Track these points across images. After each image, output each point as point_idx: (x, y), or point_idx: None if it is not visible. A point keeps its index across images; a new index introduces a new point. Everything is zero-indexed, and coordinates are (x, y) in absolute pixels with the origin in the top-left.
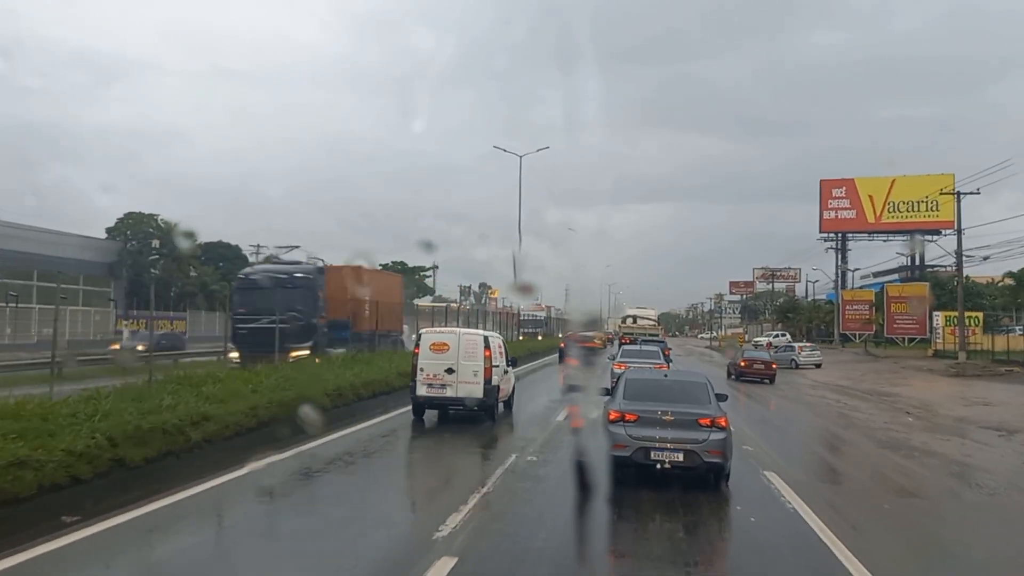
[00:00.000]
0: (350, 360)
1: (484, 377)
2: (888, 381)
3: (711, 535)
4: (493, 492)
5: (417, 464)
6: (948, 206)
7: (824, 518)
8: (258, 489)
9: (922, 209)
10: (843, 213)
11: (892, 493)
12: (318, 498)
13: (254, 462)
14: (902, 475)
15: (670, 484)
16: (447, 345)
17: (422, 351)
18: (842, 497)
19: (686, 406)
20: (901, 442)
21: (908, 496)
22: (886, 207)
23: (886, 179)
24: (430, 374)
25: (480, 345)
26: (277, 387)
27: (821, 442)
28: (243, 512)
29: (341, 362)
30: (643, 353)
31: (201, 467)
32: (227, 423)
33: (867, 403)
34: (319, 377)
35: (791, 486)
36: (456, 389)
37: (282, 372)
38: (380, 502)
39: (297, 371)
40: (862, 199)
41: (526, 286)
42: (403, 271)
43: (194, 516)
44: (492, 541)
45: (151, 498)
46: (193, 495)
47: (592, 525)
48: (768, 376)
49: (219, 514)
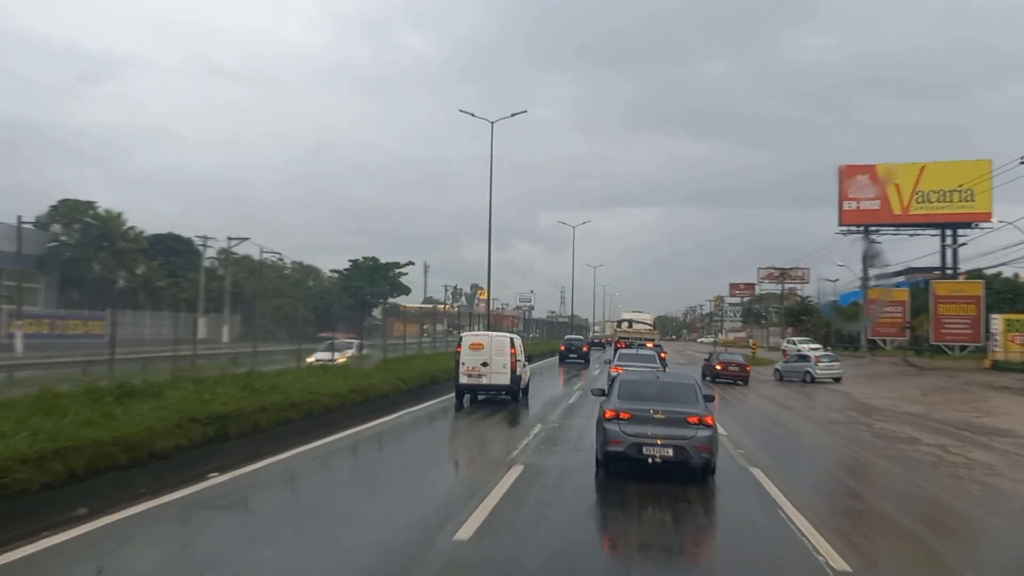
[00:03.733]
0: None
1: (511, 369)
2: (969, 406)
3: None
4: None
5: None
6: (985, 196)
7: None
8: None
9: (955, 199)
10: (866, 204)
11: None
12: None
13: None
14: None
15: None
16: (482, 345)
17: (463, 350)
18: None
19: (676, 405)
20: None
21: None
22: (914, 197)
23: (915, 165)
24: (470, 367)
25: (507, 344)
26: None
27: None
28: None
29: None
30: (639, 357)
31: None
32: None
33: (984, 451)
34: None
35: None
36: (489, 378)
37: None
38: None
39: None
40: (887, 188)
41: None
42: (374, 267)
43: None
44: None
45: None
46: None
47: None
48: (742, 378)
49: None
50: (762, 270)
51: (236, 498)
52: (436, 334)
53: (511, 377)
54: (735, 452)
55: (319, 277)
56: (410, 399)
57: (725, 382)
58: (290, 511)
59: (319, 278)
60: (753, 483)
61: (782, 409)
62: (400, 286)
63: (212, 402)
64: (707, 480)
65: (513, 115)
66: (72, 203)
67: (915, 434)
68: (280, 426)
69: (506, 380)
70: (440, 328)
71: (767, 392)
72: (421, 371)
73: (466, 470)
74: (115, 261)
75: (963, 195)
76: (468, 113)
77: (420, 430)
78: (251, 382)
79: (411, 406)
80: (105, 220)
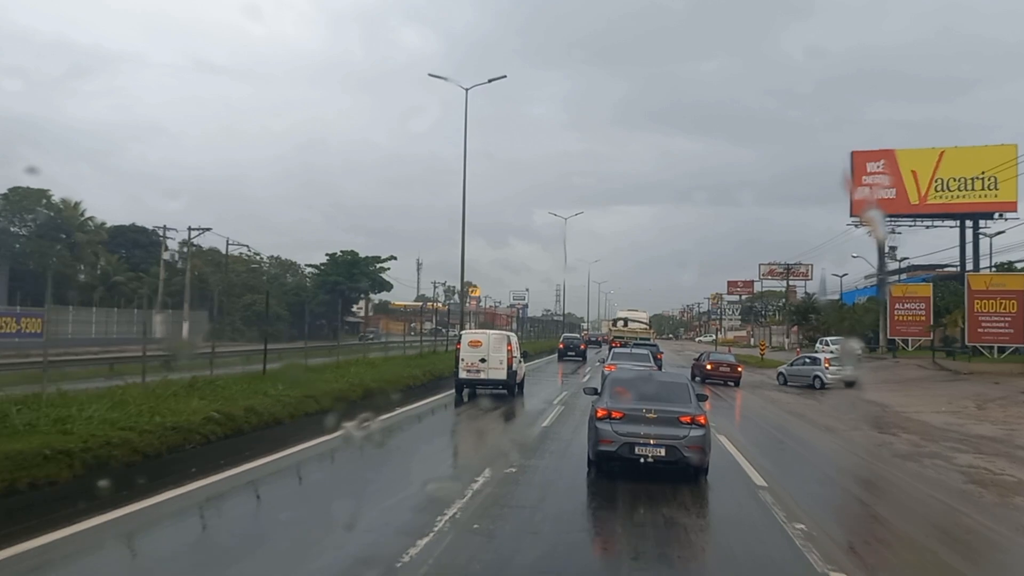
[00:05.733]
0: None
1: (507, 364)
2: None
3: None
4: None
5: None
6: (1010, 184)
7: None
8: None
9: (977, 187)
10: (881, 192)
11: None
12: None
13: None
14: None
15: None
16: (481, 342)
17: (463, 347)
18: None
19: (669, 404)
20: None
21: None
22: (932, 185)
23: (933, 151)
24: (469, 363)
25: (504, 342)
26: None
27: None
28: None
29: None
30: (634, 356)
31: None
32: None
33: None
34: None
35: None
36: (487, 373)
37: None
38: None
39: None
40: (904, 175)
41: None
42: (352, 262)
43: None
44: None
45: None
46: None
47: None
48: (733, 379)
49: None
50: (764, 266)
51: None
52: (424, 333)
53: (507, 372)
54: (792, 528)
55: (298, 273)
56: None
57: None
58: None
59: (298, 274)
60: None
61: (817, 429)
62: (381, 282)
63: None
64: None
65: (490, 80)
66: (23, 191)
67: (1021, 475)
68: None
69: (503, 375)
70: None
71: (784, 400)
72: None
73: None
74: (71, 254)
75: (986, 182)
76: (440, 77)
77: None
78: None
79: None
80: (60, 210)
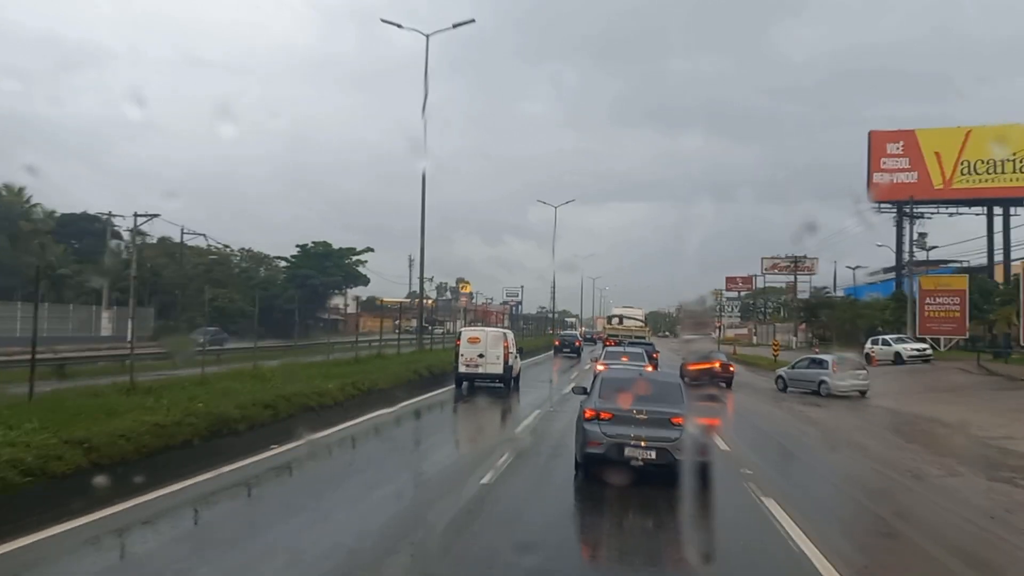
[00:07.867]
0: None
1: (504, 360)
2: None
3: None
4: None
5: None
6: None
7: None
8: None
9: (1008, 169)
10: (901, 176)
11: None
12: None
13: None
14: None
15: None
16: (479, 339)
17: (462, 343)
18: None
19: (660, 405)
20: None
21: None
22: (958, 168)
23: (959, 130)
24: (468, 358)
25: (501, 338)
26: None
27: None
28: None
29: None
30: (628, 355)
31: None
32: None
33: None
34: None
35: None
36: (485, 368)
37: None
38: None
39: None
40: (926, 157)
41: None
42: (325, 254)
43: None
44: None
45: None
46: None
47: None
48: (724, 379)
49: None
50: (767, 260)
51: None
52: (406, 330)
53: (504, 367)
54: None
55: (272, 266)
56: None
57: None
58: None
59: (273, 267)
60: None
61: (895, 473)
62: (357, 275)
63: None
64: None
65: (455, 26)
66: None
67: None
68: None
69: (499, 370)
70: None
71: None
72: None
73: None
74: (11, 245)
75: (1018, 165)
76: (395, 24)
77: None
78: None
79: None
80: (1, 196)
